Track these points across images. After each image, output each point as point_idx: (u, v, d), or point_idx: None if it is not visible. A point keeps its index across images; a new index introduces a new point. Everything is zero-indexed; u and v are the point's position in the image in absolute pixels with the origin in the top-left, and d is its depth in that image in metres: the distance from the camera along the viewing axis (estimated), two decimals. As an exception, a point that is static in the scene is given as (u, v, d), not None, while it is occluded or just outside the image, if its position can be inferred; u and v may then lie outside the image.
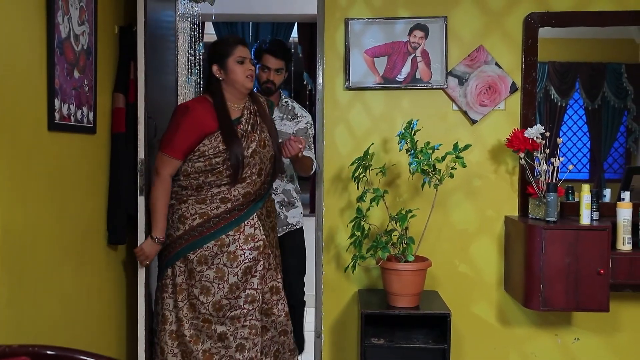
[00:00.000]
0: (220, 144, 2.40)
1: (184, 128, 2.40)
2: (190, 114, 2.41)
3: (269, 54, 2.91)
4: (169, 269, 2.48)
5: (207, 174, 2.44)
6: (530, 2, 2.88)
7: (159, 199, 2.46)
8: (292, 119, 2.99)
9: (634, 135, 3.17)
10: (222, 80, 2.47)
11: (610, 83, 3.18)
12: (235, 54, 2.45)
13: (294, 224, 3.03)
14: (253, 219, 2.48)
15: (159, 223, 2.47)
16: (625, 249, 2.59)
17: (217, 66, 2.47)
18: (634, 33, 3.09)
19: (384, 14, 2.94)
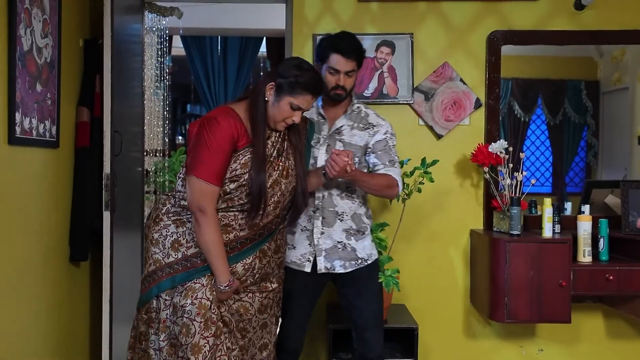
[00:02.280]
0: (238, 167, 1.98)
1: (221, 148, 1.94)
2: (228, 129, 1.95)
3: (339, 54, 2.25)
4: (154, 300, 2.06)
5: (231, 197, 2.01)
6: (493, 20, 2.96)
7: (215, 241, 1.95)
8: (365, 129, 2.36)
9: (594, 150, 3.26)
10: (267, 100, 2.04)
11: (570, 99, 3.27)
12: (298, 99, 2.02)
13: (365, 259, 2.36)
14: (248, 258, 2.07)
15: (222, 268, 1.97)
16: (586, 261, 2.65)
17: (274, 86, 2.03)
18: (592, 51, 3.20)
19: (351, 30, 2.94)
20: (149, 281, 2.07)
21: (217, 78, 4.98)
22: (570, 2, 2.95)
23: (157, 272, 2.05)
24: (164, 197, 2.14)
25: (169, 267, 2.03)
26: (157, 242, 2.06)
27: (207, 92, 5.00)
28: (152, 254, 2.06)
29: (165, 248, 2.05)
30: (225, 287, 1.98)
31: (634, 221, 2.76)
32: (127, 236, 2.97)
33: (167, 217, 2.06)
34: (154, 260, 2.06)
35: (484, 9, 2.96)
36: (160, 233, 2.05)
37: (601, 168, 3.25)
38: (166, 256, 2.04)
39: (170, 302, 2.03)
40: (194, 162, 1.94)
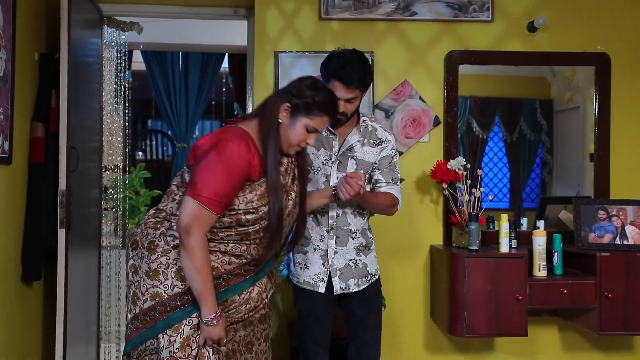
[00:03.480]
0: (255, 198, 1.80)
1: (233, 175, 1.75)
2: (242, 157, 1.76)
3: (340, 82, 2.10)
4: (153, 339, 1.80)
5: (230, 231, 1.82)
6: (450, 40, 3.04)
7: (202, 268, 1.73)
8: (376, 145, 2.27)
9: (549, 167, 3.35)
10: (280, 123, 1.87)
11: (526, 117, 3.36)
12: (315, 121, 1.88)
13: (373, 274, 2.32)
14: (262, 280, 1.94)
15: (209, 299, 1.75)
16: (541, 276, 2.72)
17: (288, 107, 1.87)
18: (545, 72, 3.31)
19: (312, 48, 3.01)
20: (144, 320, 1.80)
21: (178, 93, 4.94)
22: (524, 24, 3.06)
23: (157, 307, 1.79)
24: (152, 221, 1.87)
25: (175, 299, 1.79)
26: (155, 272, 1.79)
27: (168, 107, 4.95)
28: (149, 287, 1.80)
29: (168, 279, 1.79)
30: (211, 319, 1.75)
31: (586, 236, 2.84)
32: (83, 255, 2.89)
33: (164, 242, 1.81)
34: (151, 295, 1.79)
35: (442, 29, 3.04)
36: (160, 262, 1.80)
37: (556, 184, 3.34)
38: (170, 288, 1.79)
39: (176, 338, 1.77)
40: (197, 184, 1.73)
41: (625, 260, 2.70)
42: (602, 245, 2.81)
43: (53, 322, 2.48)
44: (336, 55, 2.18)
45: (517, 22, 3.06)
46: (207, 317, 1.75)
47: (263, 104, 1.92)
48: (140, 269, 1.82)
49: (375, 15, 3.02)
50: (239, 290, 1.85)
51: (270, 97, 1.93)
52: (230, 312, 1.84)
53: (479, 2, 3.04)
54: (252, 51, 3.09)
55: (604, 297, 2.67)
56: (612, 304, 2.67)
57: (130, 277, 1.86)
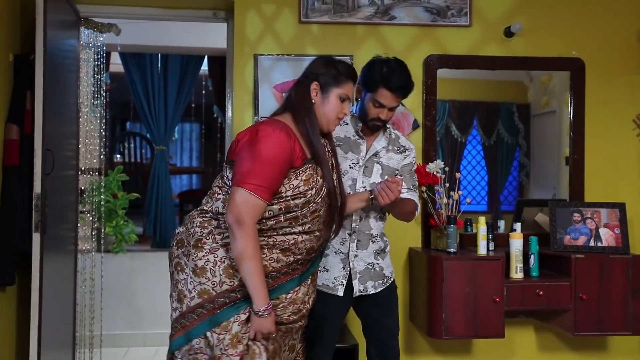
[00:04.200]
0: (301, 184, 1.82)
1: (277, 161, 1.78)
2: (283, 144, 1.79)
3: (388, 90, 2.15)
4: (200, 338, 1.80)
5: (278, 218, 1.83)
6: (429, 45, 3.07)
7: (255, 258, 1.74)
8: (400, 152, 2.33)
9: (526, 170, 3.39)
10: (314, 103, 1.93)
11: (503, 121, 3.40)
12: (344, 88, 1.94)
13: (389, 277, 2.36)
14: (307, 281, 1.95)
15: (262, 290, 1.76)
16: (518, 277, 2.75)
17: (317, 85, 1.92)
18: (522, 76, 3.35)
19: (292, 51, 3.01)
20: (192, 318, 1.80)
21: (157, 96, 4.90)
22: (501, 29, 3.10)
23: (204, 305, 1.80)
24: (199, 220, 1.87)
25: (223, 296, 1.79)
26: (203, 270, 1.80)
27: (147, 110, 4.91)
28: (196, 285, 1.80)
29: (216, 276, 1.79)
30: (263, 311, 1.76)
31: (562, 238, 2.89)
32: (59, 259, 2.85)
33: (212, 240, 1.82)
34: (199, 292, 1.80)
35: (421, 33, 3.07)
36: (207, 259, 1.80)
37: (532, 187, 3.38)
38: (218, 284, 1.79)
39: (225, 335, 1.77)
40: (243, 174, 1.75)
41: (599, 262, 2.74)
42: (577, 248, 2.85)
43: (27, 327, 2.44)
44: (380, 63, 2.20)
45: (495, 27, 3.10)
46: (259, 308, 1.76)
47: (288, 97, 1.97)
48: (186, 267, 1.83)
49: (355, 19, 3.03)
50: (286, 290, 1.87)
51: (292, 89, 1.97)
52: (278, 311, 1.85)
53: (457, 7, 3.07)
54: (231, 54, 3.08)
55: (578, 298, 2.71)
56: (587, 305, 2.72)
57: (175, 276, 1.87)
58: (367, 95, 2.21)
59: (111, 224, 4.12)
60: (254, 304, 1.76)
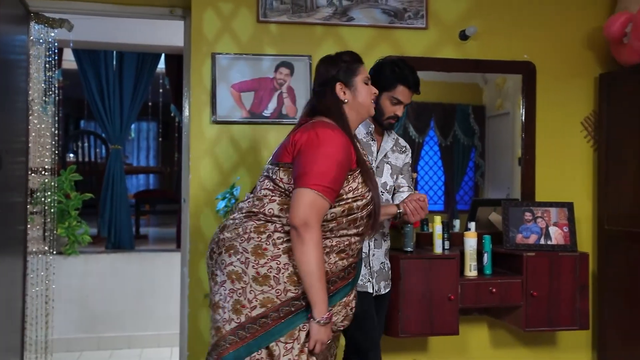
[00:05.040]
0: (360, 186, 1.83)
1: (341, 163, 1.76)
2: (345, 146, 1.79)
3: (406, 87, 2.31)
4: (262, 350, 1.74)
5: (340, 220, 1.81)
6: (386, 46, 3.10)
7: (321, 262, 1.71)
8: (402, 152, 2.48)
9: (481, 170, 3.46)
10: (346, 102, 1.94)
11: (459, 122, 3.46)
12: (363, 73, 1.97)
13: (391, 278, 2.50)
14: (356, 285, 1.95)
15: (324, 296, 1.72)
16: (472, 275, 2.81)
17: (342, 84, 1.93)
18: (478, 78, 3.42)
19: (250, 51, 2.99)
20: (253, 328, 1.73)
21: (112, 94, 4.78)
22: (456, 32, 3.16)
23: (268, 314, 1.73)
24: (252, 224, 1.79)
25: (288, 305, 1.74)
26: (266, 278, 1.74)
27: (101, 108, 4.79)
28: (257, 293, 1.73)
29: (280, 283, 1.74)
30: (325, 319, 1.72)
31: (514, 237, 2.97)
32: (6, 261, 2.75)
33: (273, 246, 1.75)
34: (261, 302, 1.73)
35: (378, 35, 3.10)
36: (270, 267, 1.74)
37: (487, 187, 3.45)
38: (283, 292, 1.74)
39: (292, 345, 1.73)
40: (310, 174, 1.71)
41: (549, 259, 2.83)
42: (528, 246, 2.93)
43: (-28, 333, 2.35)
44: (391, 64, 2.34)
45: (450, 30, 3.16)
46: (320, 316, 1.72)
47: (310, 108, 1.95)
48: (245, 275, 1.75)
49: (313, 19, 3.04)
50: (342, 295, 1.85)
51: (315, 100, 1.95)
52: (333, 317, 1.81)
53: (414, 9, 3.12)
54: (188, 52, 3.04)
55: (529, 295, 2.79)
56: (537, 301, 2.80)
57: (228, 285, 1.78)
58: (381, 95, 2.28)
59: (63, 225, 4.01)
60: (316, 312, 1.72)
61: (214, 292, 1.83)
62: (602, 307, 3.20)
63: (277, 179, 1.82)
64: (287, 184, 1.79)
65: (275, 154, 1.90)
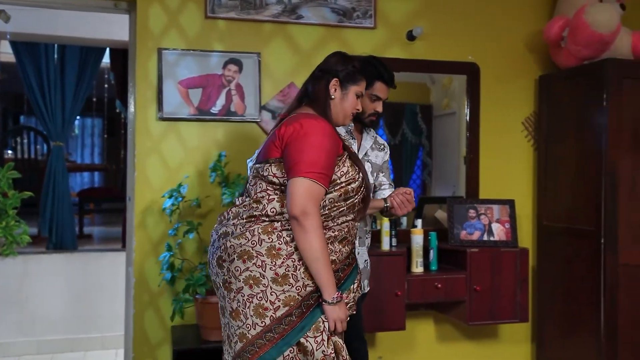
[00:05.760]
0: (350, 169, 1.88)
1: (329, 148, 1.81)
2: (331, 133, 1.85)
3: (383, 83, 2.35)
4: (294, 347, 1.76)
5: (339, 206, 1.86)
6: (335, 45, 3.11)
7: (324, 247, 1.75)
8: (381, 149, 2.51)
9: (428, 169, 3.53)
10: (333, 99, 1.99)
11: (408, 121, 3.51)
12: (360, 86, 2.03)
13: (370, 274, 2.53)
14: None
15: (331, 278, 1.77)
16: (418, 272, 2.87)
17: (337, 81, 1.99)
18: (425, 78, 3.48)
19: (198, 47, 2.95)
20: (280, 328, 1.75)
21: (53, 89, 4.60)
22: (404, 33, 3.21)
23: (292, 312, 1.76)
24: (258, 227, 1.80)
25: (308, 298, 1.78)
26: (285, 277, 1.76)
27: (42, 103, 4.60)
28: (279, 294, 1.76)
29: (299, 280, 1.77)
30: (335, 298, 1.77)
31: (458, 233, 3.04)
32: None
33: (285, 244, 1.78)
34: (284, 301, 1.76)
35: (327, 33, 3.11)
36: (287, 265, 1.76)
37: (434, 185, 3.52)
38: (302, 288, 1.77)
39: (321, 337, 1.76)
40: (302, 163, 1.75)
41: (491, 255, 2.92)
42: (472, 242, 3.02)
43: None
44: (371, 61, 2.35)
45: (398, 30, 3.21)
46: (332, 297, 1.76)
47: (304, 90, 2.01)
48: (264, 278, 1.76)
49: (262, 16, 3.02)
50: (352, 281, 1.90)
51: (308, 82, 2.01)
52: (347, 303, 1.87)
53: (362, 9, 3.15)
54: (134, 47, 2.97)
55: (473, 290, 2.87)
56: (480, 296, 2.89)
57: (247, 291, 1.77)
58: None
59: (0, 225, 3.83)
60: (326, 293, 1.76)
61: (229, 299, 1.82)
62: (540, 301, 3.33)
63: (270, 175, 1.84)
64: (281, 178, 1.82)
65: (261, 153, 1.92)
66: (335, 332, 1.81)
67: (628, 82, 2.91)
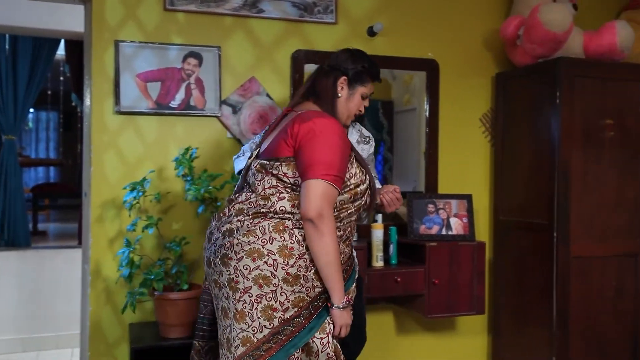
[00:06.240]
0: (357, 171, 1.87)
1: (343, 150, 1.80)
2: (343, 134, 1.83)
3: (374, 81, 2.21)
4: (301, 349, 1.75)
5: (347, 208, 1.86)
6: (296, 40, 3.11)
7: (337, 250, 1.75)
8: (366, 142, 2.50)
9: (389, 164, 3.56)
10: (339, 97, 2.00)
11: (369, 117, 3.52)
12: (367, 87, 2.05)
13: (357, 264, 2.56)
14: None
15: (341, 282, 1.77)
16: (378, 266, 2.90)
17: (346, 80, 2.00)
18: (386, 74, 3.50)
19: (157, 39, 2.90)
20: (288, 330, 1.73)
21: (5, 81, 4.43)
22: (365, 28, 3.23)
23: (301, 313, 1.74)
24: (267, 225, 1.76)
25: (316, 300, 1.77)
26: (296, 277, 1.73)
27: (-7, 96, 4.44)
28: (289, 294, 1.73)
29: (309, 280, 1.75)
30: (346, 303, 1.77)
31: (418, 228, 3.09)
32: None
33: (299, 245, 1.75)
34: (293, 302, 1.73)
35: (289, 28, 3.10)
36: (299, 266, 1.73)
37: (396, 180, 3.55)
38: (312, 289, 1.76)
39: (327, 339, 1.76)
40: (318, 166, 1.72)
41: (449, 249, 2.98)
42: (431, 236, 3.07)
43: None
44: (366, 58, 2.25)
45: (359, 26, 3.23)
46: (342, 301, 1.76)
47: (311, 85, 1.99)
48: (274, 277, 1.72)
49: (223, 9, 2.99)
50: (352, 281, 1.91)
51: (317, 77, 2.01)
52: None
53: (323, 4, 3.15)
54: (89, 39, 2.89)
55: (431, 283, 2.92)
56: (439, 289, 2.94)
57: (256, 291, 1.73)
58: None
59: (-52, 221, 3.69)
60: (336, 298, 1.75)
61: (234, 300, 1.75)
62: (496, 293, 3.42)
63: (281, 174, 1.80)
64: (292, 178, 1.79)
65: (268, 149, 1.88)
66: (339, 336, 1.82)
67: (579, 80, 3.01)
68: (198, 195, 2.60)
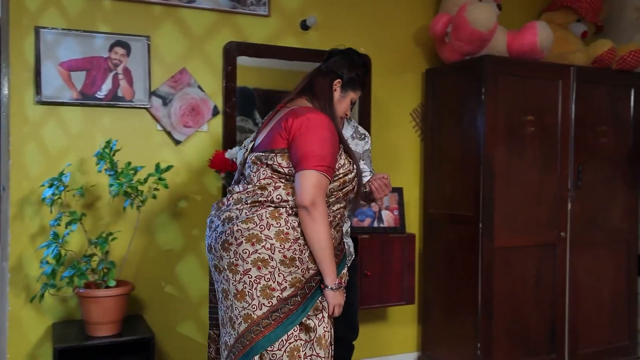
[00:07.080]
0: (346, 162, 2.00)
1: (333, 143, 1.93)
2: (333, 128, 1.95)
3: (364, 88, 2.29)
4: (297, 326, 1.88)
5: (337, 195, 1.99)
6: (229, 31, 3.07)
7: (329, 235, 1.89)
8: (362, 139, 2.59)
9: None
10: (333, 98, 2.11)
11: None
12: (357, 94, 2.18)
13: (352, 254, 2.59)
14: None
15: (333, 265, 1.91)
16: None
17: (340, 83, 2.12)
18: (321, 68, 3.52)
19: (81, 26, 2.78)
20: (286, 308, 1.86)
21: None
22: (297, 22, 3.23)
23: (297, 293, 1.87)
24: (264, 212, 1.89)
25: (311, 281, 1.90)
26: (292, 260, 1.87)
27: None
28: (286, 275, 1.86)
29: (304, 262, 1.89)
30: (338, 284, 1.92)
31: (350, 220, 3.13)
32: None
33: (293, 230, 1.88)
34: (290, 282, 1.87)
35: (221, 19, 3.05)
36: (295, 249, 1.87)
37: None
38: (307, 271, 1.90)
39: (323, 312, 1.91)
40: (311, 157, 1.86)
41: (381, 241, 3.04)
42: (363, 229, 3.12)
43: None
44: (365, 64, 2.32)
45: (292, 19, 3.22)
46: (335, 282, 1.90)
47: (308, 83, 2.10)
48: (272, 260, 1.85)
49: (152, -2, 2.90)
50: (343, 266, 2.02)
51: (314, 77, 2.12)
52: None
53: (257, -4, 3.12)
54: (6, 24, 2.73)
55: (364, 275, 2.98)
56: (370, 280, 3.00)
57: (255, 272, 1.85)
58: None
59: None
60: (328, 279, 1.89)
61: (234, 281, 1.88)
62: (426, 284, 3.52)
63: (275, 165, 1.93)
64: (286, 168, 1.92)
65: (263, 142, 1.99)
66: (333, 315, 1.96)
67: (503, 78, 3.13)
68: (120, 191, 2.52)
